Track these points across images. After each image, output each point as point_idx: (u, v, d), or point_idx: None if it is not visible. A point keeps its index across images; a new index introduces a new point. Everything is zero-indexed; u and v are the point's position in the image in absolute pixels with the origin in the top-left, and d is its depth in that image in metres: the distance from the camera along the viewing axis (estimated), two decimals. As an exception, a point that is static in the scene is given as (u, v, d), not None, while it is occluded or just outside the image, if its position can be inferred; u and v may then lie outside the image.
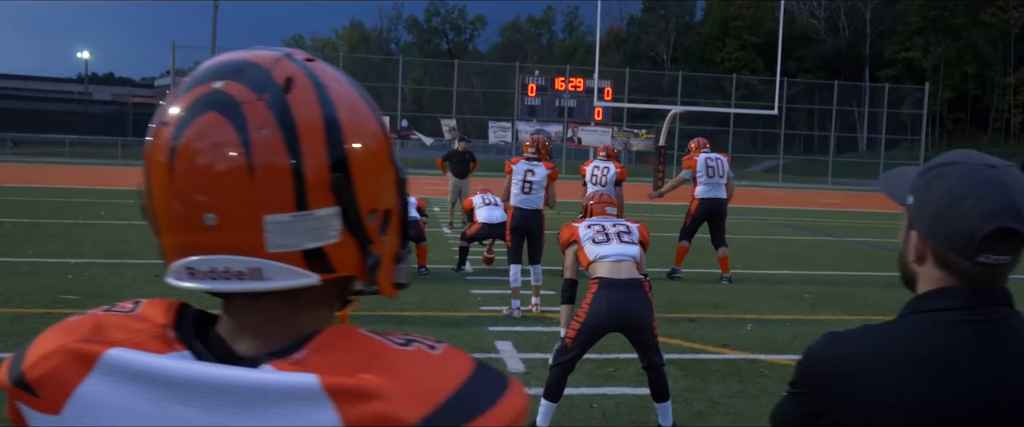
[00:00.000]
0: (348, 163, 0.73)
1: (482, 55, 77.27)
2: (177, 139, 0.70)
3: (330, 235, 0.73)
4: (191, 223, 0.71)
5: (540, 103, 37.40)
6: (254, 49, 0.77)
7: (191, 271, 0.72)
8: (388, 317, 6.51)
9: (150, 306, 0.77)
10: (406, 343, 0.74)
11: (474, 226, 8.95)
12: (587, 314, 3.93)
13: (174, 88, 0.76)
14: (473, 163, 13.46)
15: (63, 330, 0.75)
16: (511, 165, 7.00)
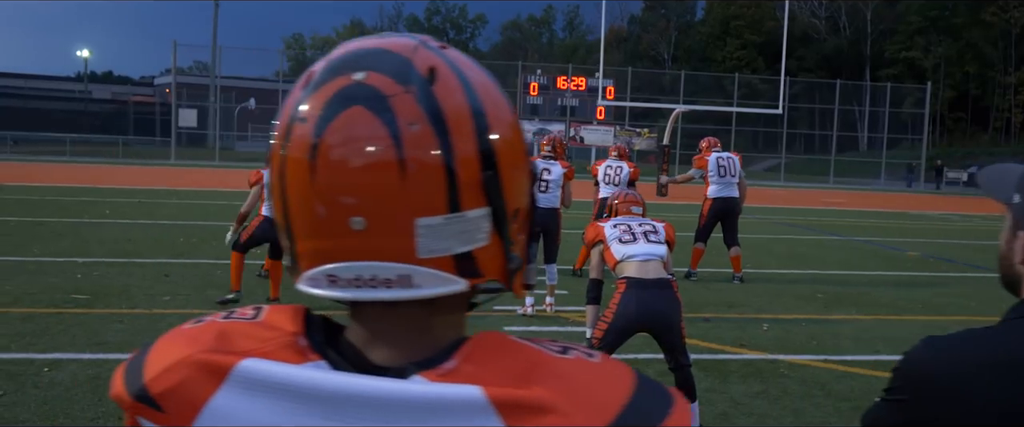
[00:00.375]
0: (496, 159, 0.68)
1: (483, 54, 77.15)
2: (319, 136, 0.65)
3: (479, 238, 0.68)
4: (335, 227, 0.65)
5: (542, 102, 37.31)
6: (384, 36, 0.71)
7: (333, 279, 0.67)
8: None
9: (274, 312, 0.71)
10: (563, 350, 0.68)
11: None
12: (615, 314, 3.88)
13: (302, 79, 0.70)
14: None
15: (184, 339, 0.69)
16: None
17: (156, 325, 5.84)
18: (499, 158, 0.68)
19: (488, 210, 0.68)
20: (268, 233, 6.80)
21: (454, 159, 0.65)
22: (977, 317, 7.49)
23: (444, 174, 0.65)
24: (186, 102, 40.36)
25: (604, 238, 4.23)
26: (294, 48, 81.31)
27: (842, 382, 5.18)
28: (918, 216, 21.04)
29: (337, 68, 0.67)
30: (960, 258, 12.05)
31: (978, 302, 8.29)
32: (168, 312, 6.28)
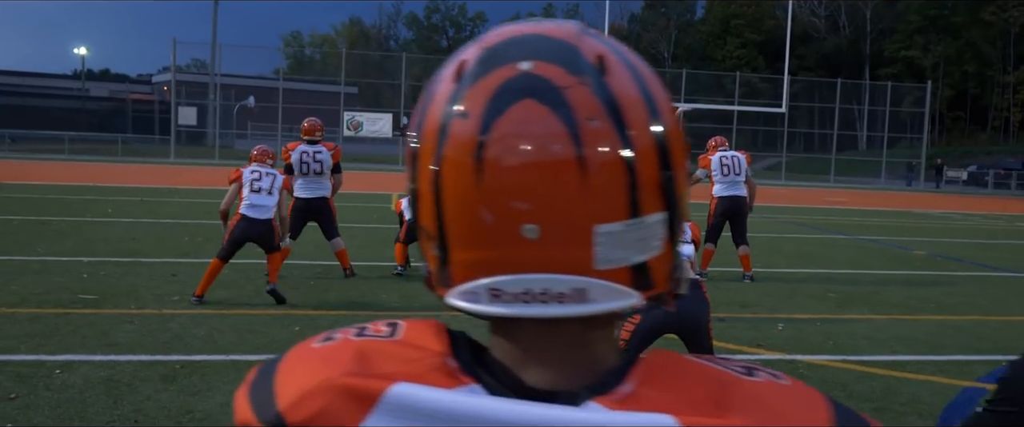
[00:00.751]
0: (671, 157, 0.61)
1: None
2: (487, 133, 0.58)
3: (655, 246, 0.61)
4: (504, 236, 0.58)
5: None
6: (534, 21, 0.65)
7: (496, 293, 0.60)
8: (414, 315, 6.38)
9: (414, 329, 0.65)
10: (749, 372, 0.62)
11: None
12: (643, 316, 3.82)
13: (450, 70, 0.63)
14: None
15: (319, 360, 0.62)
16: None
17: (167, 325, 5.77)
18: (673, 156, 0.61)
19: (666, 215, 0.61)
20: (247, 233, 6.72)
21: (635, 158, 0.59)
22: (990, 317, 7.44)
23: (625, 175, 0.58)
24: (185, 100, 40.22)
25: None
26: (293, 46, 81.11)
27: (862, 383, 5.12)
28: (920, 215, 21.00)
29: (496, 57, 0.61)
30: (967, 257, 12.00)
31: (989, 301, 8.24)
32: (178, 312, 6.21)
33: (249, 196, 6.75)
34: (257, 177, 6.85)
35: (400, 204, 8.72)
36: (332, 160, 7.95)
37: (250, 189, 6.77)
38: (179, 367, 4.79)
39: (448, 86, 0.62)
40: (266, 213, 6.77)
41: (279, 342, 5.44)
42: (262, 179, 6.86)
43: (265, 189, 6.83)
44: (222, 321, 5.98)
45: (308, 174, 7.86)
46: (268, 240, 6.82)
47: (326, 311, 6.48)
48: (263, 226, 6.74)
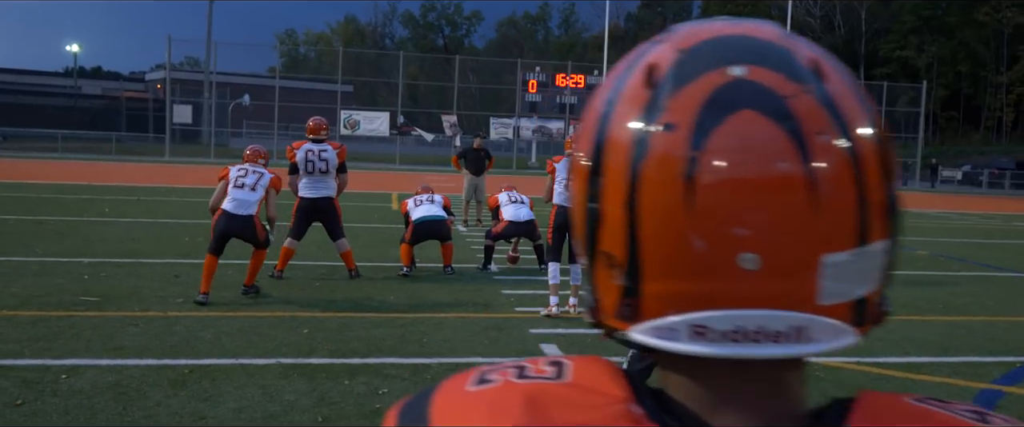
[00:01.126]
0: (892, 175, 0.54)
1: (478, 51, 76.99)
2: (700, 148, 0.51)
3: (876, 277, 0.54)
4: (717, 266, 0.51)
5: (541, 99, 37.22)
6: (730, 20, 0.58)
7: (700, 331, 0.52)
8: (423, 320, 6.31)
9: (584, 370, 0.57)
10: (980, 417, 0.54)
11: (500, 224, 8.75)
12: None
13: (638, 75, 0.56)
14: (489, 161, 13.27)
15: (483, 408, 0.54)
16: (553, 164, 6.81)
17: (173, 328, 5.68)
18: (892, 174, 0.55)
19: (889, 242, 0.54)
20: (228, 227, 6.71)
21: (864, 176, 0.52)
22: (998, 318, 7.40)
23: (855, 197, 0.51)
24: (179, 98, 40.01)
25: None
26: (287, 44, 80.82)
27: (879, 385, 5.06)
28: (917, 214, 20.97)
29: (699, 60, 0.53)
30: (969, 257, 11.98)
31: (996, 301, 8.21)
32: (183, 315, 6.11)
33: (232, 191, 6.81)
34: (243, 174, 6.91)
35: (405, 205, 8.63)
36: (338, 159, 7.86)
37: (233, 185, 6.82)
38: (188, 371, 4.70)
39: (639, 93, 0.54)
40: (246, 208, 6.78)
41: (288, 345, 5.36)
42: (247, 176, 6.91)
43: (248, 185, 6.85)
44: (229, 323, 5.89)
45: (313, 173, 7.77)
46: (250, 236, 6.82)
47: (334, 312, 6.39)
48: (242, 222, 6.75)
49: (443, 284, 7.85)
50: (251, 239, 6.86)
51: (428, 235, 8.27)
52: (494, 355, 5.34)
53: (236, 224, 6.76)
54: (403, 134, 37.22)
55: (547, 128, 37.27)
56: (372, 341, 5.57)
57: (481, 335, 5.89)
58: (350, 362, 5.05)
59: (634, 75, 0.56)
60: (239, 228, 6.78)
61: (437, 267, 8.61)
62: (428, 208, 8.39)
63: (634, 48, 0.61)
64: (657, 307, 0.54)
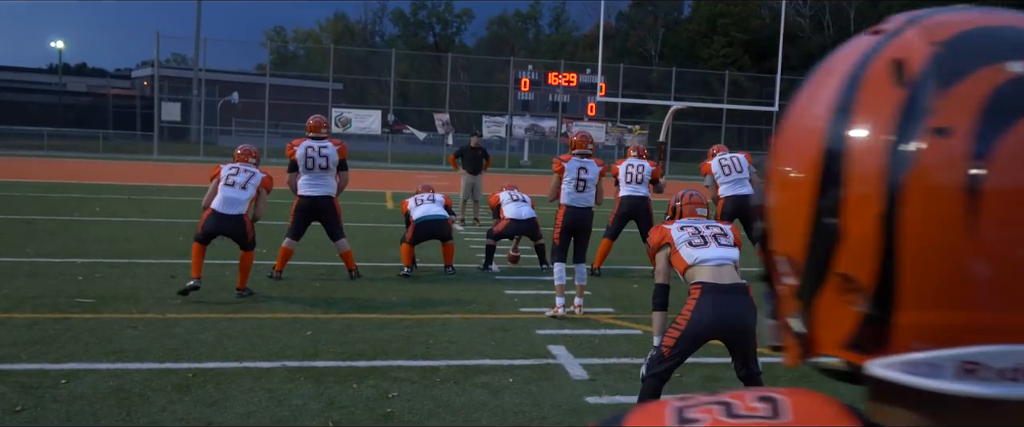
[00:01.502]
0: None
1: (468, 49, 76.76)
2: (985, 158, 0.43)
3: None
4: (1004, 295, 0.44)
5: (533, 98, 37.10)
6: (987, 10, 0.49)
7: (971, 368, 0.45)
8: (427, 321, 6.18)
9: (803, 407, 0.49)
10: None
11: (501, 223, 8.63)
12: (690, 321, 3.66)
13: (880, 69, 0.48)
14: (486, 160, 13.14)
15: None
16: (562, 163, 6.67)
17: (172, 330, 5.53)
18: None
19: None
20: (217, 226, 6.64)
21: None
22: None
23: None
24: (167, 95, 39.67)
25: (672, 241, 3.99)
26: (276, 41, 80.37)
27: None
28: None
29: (966, 55, 0.46)
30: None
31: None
32: (182, 316, 5.97)
33: (222, 189, 6.71)
34: (234, 172, 6.83)
35: (405, 204, 8.49)
36: (338, 156, 7.72)
37: (224, 183, 6.73)
38: (191, 375, 4.57)
39: (887, 93, 0.47)
40: (236, 208, 6.68)
41: (292, 348, 5.23)
42: (239, 174, 6.83)
43: (239, 184, 6.77)
44: (230, 325, 5.74)
45: (313, 169, 7.63)
46: (239, 236, 6.72)
47: (336, 314, 6.26)
48: (232, 221, 6.66)
49: (445, 284, 7.73)
50: (239, 239, 6.75)
51: (429, 235, 8.14)
52: (501, 357, 5.22)
53: (225, 223, 6.66)
54: (395, 132, 37.01)
55: (540, 127, 37.16)
56: (377, 343, 5.45)
57: (487, 336, 5.77)
58: (356, 365, 4.93)
59: (872, 72, 0.48)
60: (228, 227, 6.69)
61: (437, 267, 8.49)
62: (429, 207, 8.26)
63: (847, 42, 0.55)
64: (912, 339, 0.46)
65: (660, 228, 4.12)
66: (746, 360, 3.79)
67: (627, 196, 8.50)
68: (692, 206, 4.26)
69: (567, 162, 6.63)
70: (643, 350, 5.52)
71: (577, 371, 5.01)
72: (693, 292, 3.74)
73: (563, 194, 6.57)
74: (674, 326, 3.73)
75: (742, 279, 3.82)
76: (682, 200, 4.30)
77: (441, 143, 37.60)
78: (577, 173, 6.57)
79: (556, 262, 6.52)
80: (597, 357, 5.34)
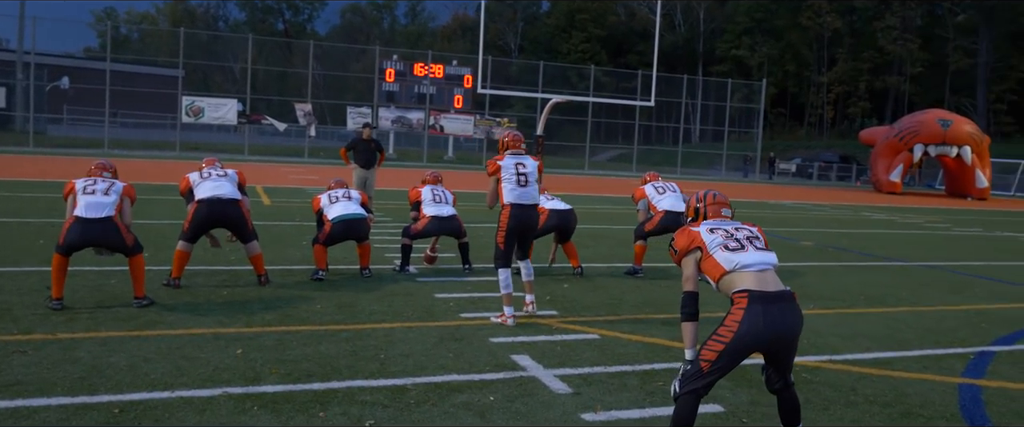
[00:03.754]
0: None
1: (321, 37, 74.14)
2: None
3: None
4: None
5: (399, 89, 36.21)
6: None
7: None
8: (366, 332, 5.59)
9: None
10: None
11: (421, 221, 8.08)
12: (737, 333, 3.33)
13: None
14: (380, 153, 12.43)
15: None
16: (497, 162, 6.22)
17: (73, 354, 4.65)
18: None
19: None
20: (83, 236, 5.77)
21: None
22: (919, 308, 7.62)
23: None
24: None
25: (704, 245, 3.63)
26: (106, 22, 74.25)
27: (867, 386, 4.93)
28: (776, 205, 22.09)
29: None
30: (851, 247, 12.57)
31: (909, 292, 8.51)
32: (79, 336, 5.06)
33: (82, 199, 5.87)
34: (90, 183, 6.02)
35: (318, 201, 7.77)
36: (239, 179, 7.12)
37: (82, 193, 5.90)
38: (118, 411, 3.79)
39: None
40: (103, 210, 5.84)
41: (227, 370, 4.51)
42: (96, 183, 6.02)
43: (100, 191, 5.96)
44: (142, 345, 4.92)
45: (210, 177, 6.91)
46: (115, 243, 5.87)
47: (261, 327, 5.53)
48: (101, 226, 5.79)
49: (367, 289, 7.11)
50: (116, 245, 5.88)
51: (347, 235, 7.48)
52: (468, 371, 4.75)
53: (94, 229, 5.76)
54: (253, 123, 35.01)
55: (407, 119, 36.36)
56: (323, 360, 4.82)
57: (441, 347, 5.26)
58: (312, 388, 4.30)
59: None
60: (99, 233, 5.77)
61: (346, 269, 7.83)
62: (346, 205, 7.59)
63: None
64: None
65: (688, 231, 3.75)
66: (785, 371, 3.53)
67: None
68: (717, 206, 3.89)
69: (502, 160, 6.23)
70: (610, 357, 5.21)
71: (556, 384, 4.62)
72: (737, 301, 3.41)
73: (506, 192, 6.13)
74: (716, 338, 3.40)
75: (785, 285, 3.54)
76: (705, 200, 3.92)
77: (303, 135, 35.97)
78: (515, 169, 6.17)
79: (501, 268, 6.07)
80: (568, 367, 4.97)
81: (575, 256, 8.40)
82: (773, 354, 3.46)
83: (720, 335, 3.37)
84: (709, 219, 3.84)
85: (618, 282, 8.10)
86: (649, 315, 6.63)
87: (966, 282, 9.45)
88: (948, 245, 13.83)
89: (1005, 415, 4.52)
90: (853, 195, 30.62)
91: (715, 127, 47.21)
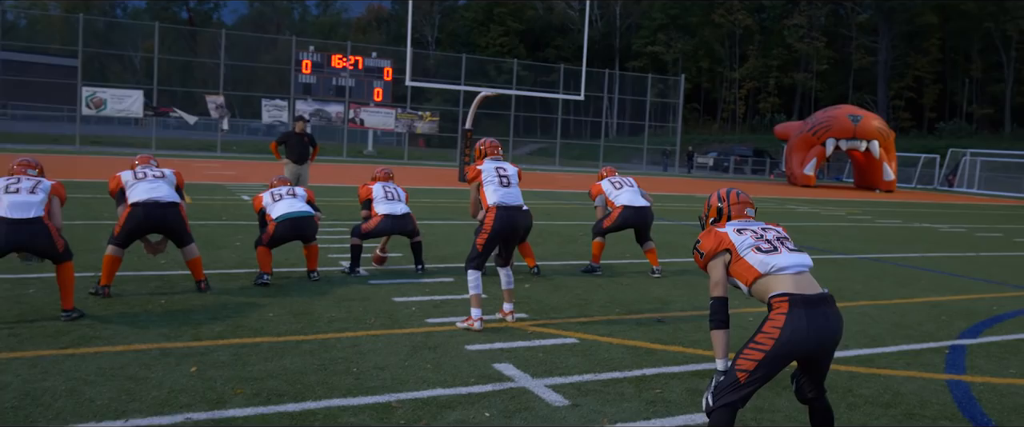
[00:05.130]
0: None
1: (229, 27, 71.38)
2: None
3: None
4: None
5: (316, 81, 35.10)
6: None
7: None
8: (330, 342, 5.13)
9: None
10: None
11: (373, 219, 7.60)
12: (779, 340, 3.08)
13: None
14: (314, 148, 11.80)
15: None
16: (477, 167, 5.89)
17: (0, 378, 4.03)
18: None
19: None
20: (8, 239, 5.12)
21: None
22: (878, 302, 7.64)
23: None
24: None
25: (733, 247, 3.38)
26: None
27: (862, 385, 4.80)
28: (699, 199, 22.35)
29: None
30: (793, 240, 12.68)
31: (862, 285, 8.56)
32: (4, 357, 4.42)
33: (4, 198, 5.22)
34: (13, 181, 5.39)
35: (260, 199, 7.20)
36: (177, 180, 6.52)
37: (4, 192, 5.26)
38: (66, 449, 3.25)
39: None
40: (30, 210, 5.21)
41: (185, 393, 4.00)
42: (20, 181, 5.39)
43: (25, 189, 5.34)
44: (80, 365, 4.33)
45: (145, 178, 6.30)
46: (45, 247, 5.24)
47: (213, 340, 5.00)
48: (29, 228, 5.16)
49: (319, 294, 6.61)
50: (47, 251, 5.25)
51: (293, 235, 6.95)
52: (453, 384, 4.37)
53: (21, 231, 5.12)
54: (161, 116, 33.28)
55: (325, 111, 35.29)
56: (291, 377, 4.35)
57: (416, 358, 4.86)
58: (287, 410, 3.84)
59: None
60: (26, 236, 5.13)
61: (292, 272, 7.30)
62: (291, 203, 7.05)
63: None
64: None
65: (714, 232, 3.50)
66: (821, 379, 3.31)
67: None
68: (741, 206, 3.65)
69: (482, 165, 5.90)
70: (596, 364, 4.92)
71: (549, 395, 4.29)
72: (777, 306, 3.16)
73: (489, 194, 5.79)
74: (754, 346, 3.13)
75: (823, 287, 3.31)
76: (728, 199, 3.67)
77: (214, 128, 34.45)
78: (496, 172, 5.86)
79: (472, 270, 5.70)
80: (556, 376, 4.65)
81: (531, 255, 8.09)
82: (813, 362, 3.24)
83: (759, 343, 3.12)
84: (734, 219, 3.59)
85: (579, 281, 7.83)
86: (620, 316, 6.38)
87: (911, 274, 9.61)
88: (879, 237, 14.19)
89: (1003, 412, 4.45)
90: (770, 188, 31.43)
91: (632, 121, 47.78)
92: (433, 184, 21.53)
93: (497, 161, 5.96)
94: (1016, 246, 13.77)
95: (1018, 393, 4.83)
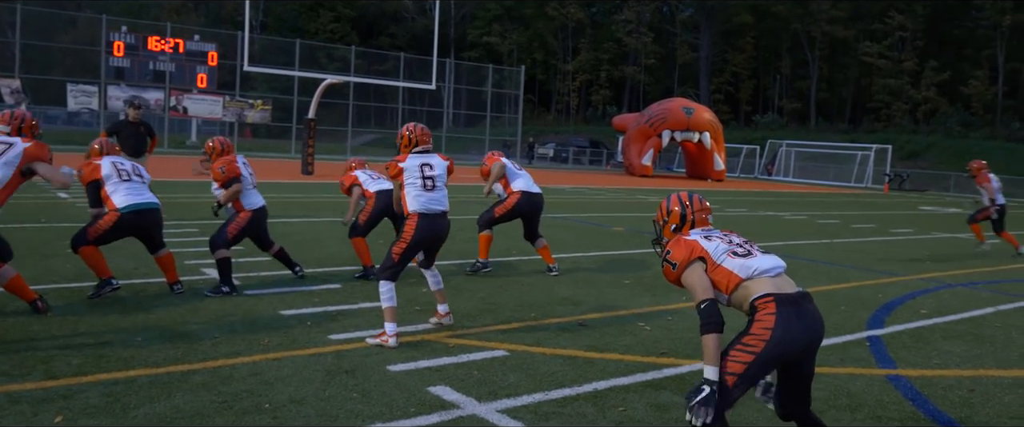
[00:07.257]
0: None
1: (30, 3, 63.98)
2: None
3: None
4: None
5: (130, 65, 32.01)
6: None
7: None
8: (222, 370, 4.25)
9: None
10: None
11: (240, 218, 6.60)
12: (770, 341, 2.92)
13: None
14: (152, 138, 10.40)
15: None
16: (398, 164, 5.18)
17: None
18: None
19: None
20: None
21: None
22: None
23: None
24: None
25: (707, 254, 3.19)
26: None
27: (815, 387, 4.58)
28: (558, 190, 22.33)
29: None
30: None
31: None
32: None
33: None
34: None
35: (96, 169, 5.85)
36: None
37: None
38: None
39: None
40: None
41: None
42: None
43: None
44: None
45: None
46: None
47: (73, 377, 3.97)
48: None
49: (189, 310, 5.61)
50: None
51: (136, 230, 5.79)
52: (392, 417, 3.68)
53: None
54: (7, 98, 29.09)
55: (142, 98, 32.28)
56: (190, 421, 3.48)
57: (335, 385, 4.11)
58: (199, 472, 3.01)
59: None
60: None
61: (134, 283, 6.23)
62: (138, 190, 5.84)
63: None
64: None
65: (683, 241, 3.28)
66: (808, 386, 3.16)
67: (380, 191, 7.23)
68: (705, 213, 3.47)
69: (404, 161, 5.20)
70: (539, 380, 4.39)
71: (506, 422, 3.71)
72: (763, 307, 3.01)
73: (410, 199, 5.14)
74: (742, 348, 2.96)
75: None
76: (693, 205, 3.45)
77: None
78: (420, 171, 5.18)
79: (386, 280, 5.02)
80: (503, 398, 4.07)
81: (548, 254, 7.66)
82: (798, 365, 3.08)
83: (748, 345, 2.95)
84: (697, 227, 3.43)
85: (473, 282, 7.24)
86: (538, 321, 5.88)
87: (789, 266, 9.82)
88: (737, 227, 14.61)
89: (955, 406, 4.38)
90: (609, 178, 32.24)
91: (468, 111, 47.66)
92: (275, 178, 20.06)
93: (424, 156, 5.28)
94: (857, 232, 14.67)
95: (957, 385, 4.81)
